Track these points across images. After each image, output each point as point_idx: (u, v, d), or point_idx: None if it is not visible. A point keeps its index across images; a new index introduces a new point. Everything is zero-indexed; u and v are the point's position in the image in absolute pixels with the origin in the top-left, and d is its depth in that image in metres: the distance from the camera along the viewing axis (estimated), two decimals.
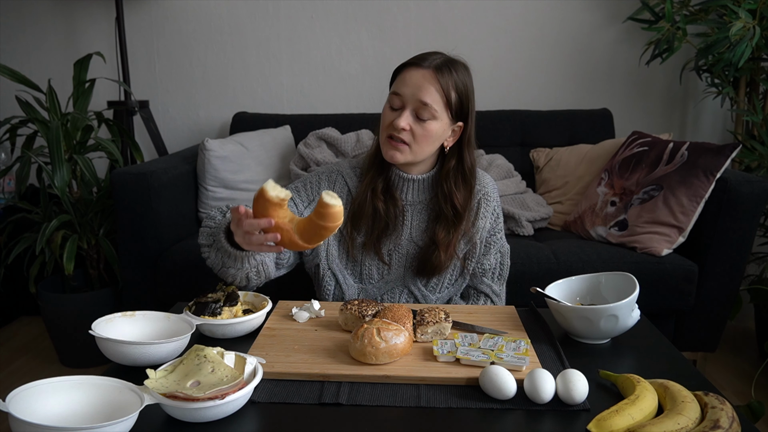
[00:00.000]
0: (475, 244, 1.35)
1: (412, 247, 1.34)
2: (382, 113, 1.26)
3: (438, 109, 1.20)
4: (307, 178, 1.36)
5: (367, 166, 1.31)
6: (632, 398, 0.84)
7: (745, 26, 2.09)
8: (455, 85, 1.22)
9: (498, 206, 1.38)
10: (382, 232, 1.31)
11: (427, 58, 1.22)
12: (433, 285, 1.35)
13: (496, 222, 1.38)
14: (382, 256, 1.32)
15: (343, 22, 2.68)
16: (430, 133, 1.22)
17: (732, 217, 1.90)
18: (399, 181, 1.31)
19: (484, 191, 1.35)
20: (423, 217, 1.33)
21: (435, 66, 1.21)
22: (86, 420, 0.79)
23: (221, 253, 1.15)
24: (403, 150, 1.23)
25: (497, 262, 1.40)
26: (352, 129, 2.42)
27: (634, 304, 1.08)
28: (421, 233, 1.33)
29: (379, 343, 0.94)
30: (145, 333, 1.02)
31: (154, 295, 2.03)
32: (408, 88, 1.20)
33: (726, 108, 2.58)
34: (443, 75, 1.20)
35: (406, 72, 1.22)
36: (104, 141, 2.21)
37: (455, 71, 1.22)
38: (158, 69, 2.76)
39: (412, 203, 1.32)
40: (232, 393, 0.81)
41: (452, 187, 1.28)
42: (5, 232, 2.27)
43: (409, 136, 1.22)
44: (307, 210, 1.32)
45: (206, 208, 2.26)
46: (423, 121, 1.21)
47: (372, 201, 1.29)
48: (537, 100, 2.68)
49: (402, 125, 1.20)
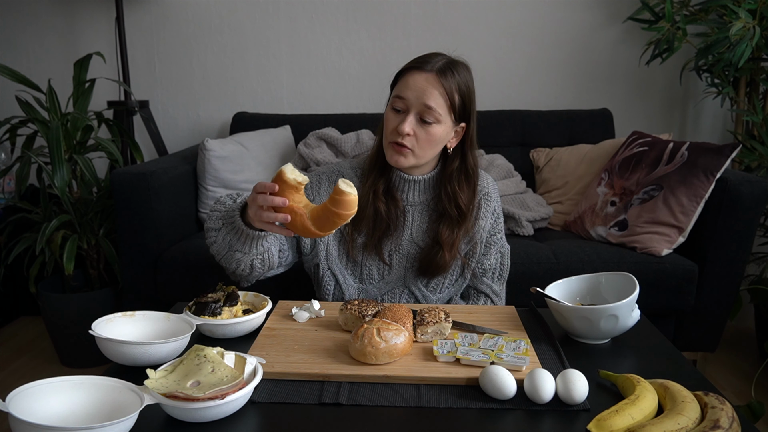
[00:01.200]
0: (476, 244, 1.35)
1: (413, 248, 1.34)
2: (385, 117, 1.25)
3: (442, 113, 1.21)
4: (308, 178, 1.36)
5: (369, 168, 1.31)
6: (632, 398, 0.84)
7: (745, 26, 2.09)
8: (458, 88, 1.22)
9: (498, 206, 1.39)
10: (384, 233, 1.31)
11: (430, 61, 1.22)
12: (433, 285, 1.35)
13: (496, 222, 1.38)
14: (383, 256, 1.32)
15: (343, 22, 2.68)
16: (434, 137, 1.22)
17: (732, 217, 1.90)
18: (400, 182, 1.31)
19: (485, 191, 1.36)
20: (424, 217, 1.33)
21: (438, 69, 1.21)
22: (86, 420, 0.79)
23: (232, 233, 1.15)
24: (407, 155, 1.23)
25: (497, 262, 1.40)
26: (352, 129, 2.42)
27: (634, 304, 1.08)
28: (422, 233, 1.33)
29: (379, 343, 0.94)
30: (145, 333, 1.02)
31: (154, 295, 2.03)
32: (412, 91, 1.20)
33: (726, 108, 2.58)
34: (446, 78, 1.20)
35: (409, 75, 1.22)
36: (104, 141, 2.21)
37: (457, 73, 1.23)
38: (158, 69, 2.76)
39: (412, 204, 1.32)
40: (232, 393, 0.81)
41: (456, 188, 1.29)
42: (5, 232, 2.27)
43: (413, 141, 1.21)
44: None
45: (206, 208, 2.26)
46: (427, 124, 1.21)
47: (374, 203, 1.29)
48: (537, 100, 2.68)
49: (406, 130, 1.20)
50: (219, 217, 1.18)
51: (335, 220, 0.98)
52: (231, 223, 1.15)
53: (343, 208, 0.97)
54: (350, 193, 0.96)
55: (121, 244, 2.02)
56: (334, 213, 0.97)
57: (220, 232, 1.17)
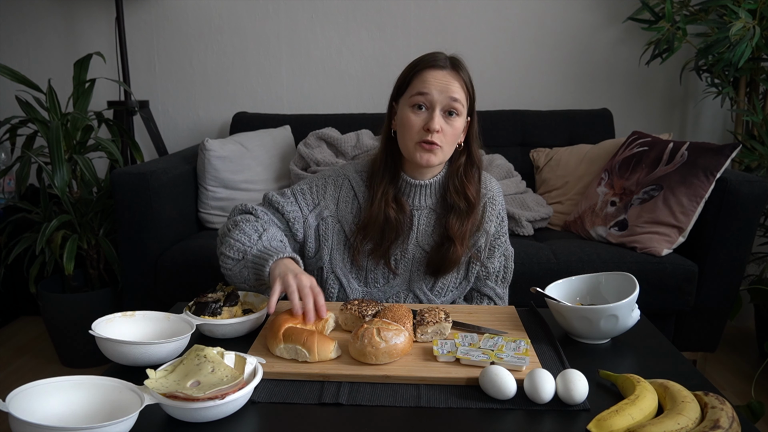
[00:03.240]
0: (480, 247, 1.35)
1: (419, 252, 1.33)
2: (404, 119, 1.23)
3: (463, 105, 1.22)
4: (313, 180, 1.34)
5: (378, 174, 1.29)
6: (632, 398, 0.84)
7: (745, 26, 2.09)
8: (469, 80, 1.25)
9: (503, 209, 1.38)
10: (393, 241, 1.30)
11: (438, 58, 1.23)
12: (438, 289, 1.35)
13: (500, 225, 1.38)
14: (390, 264, 1.32)
15: (343, 22, 2.68)
16: (457, 130, 1.23)
17: (732, 217, 1.90)
18: (407, 187, 1.30)
19: (490, 195, 1.35)
20: (429, 221, 1.32)
21: (451, 65, 1.23)
22: (86, 420, 0.79)
23: (252, 275, 1.15)
24: (437, 152, 1.22)
25: (501, 265, 1.39)
26: (352, 129, 2.42)
27: (634, 304, 1.07)
28: (427, 237, 1.33)
29: (379, 343, 0.94)
30: (145, 333, 1.02)
31: (154, 295, 2.03)
32: (434, 87, 1.20)
33: (726, 108, 2.58)
34: (461, 70, 1.23)
35: (426, 73, 1.22)
36: (104, 141, 2.21)
37: (464, 68, 1.25)
38: (158, 69, 2.76)
39: (418, 208, 1.32)
40: (232, 393, 0.81)
41: (464, 180, 1.29)
42: (5, 232, 2.27)
43: (441, 137, 1.21)
44: (311, 214, 1.31)
45: (206, 208, 2.26)
46: (452, 118, 1.21)
47: (385, 210, 1.27)
48: (537, 100, 2.68)
49: (437, 127, 1.19)
50: (240, 249, 1.17)
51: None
52: (254, 268, 1.14)
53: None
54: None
55: (121, 244, 2.02)
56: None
57: (236, 264, 1.17)
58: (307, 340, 0.96)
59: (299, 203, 1.31)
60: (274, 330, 1.00)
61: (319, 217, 1.32)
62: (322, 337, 0.98)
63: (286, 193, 1.32)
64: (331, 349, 0.97)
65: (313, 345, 0.96)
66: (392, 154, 1.28)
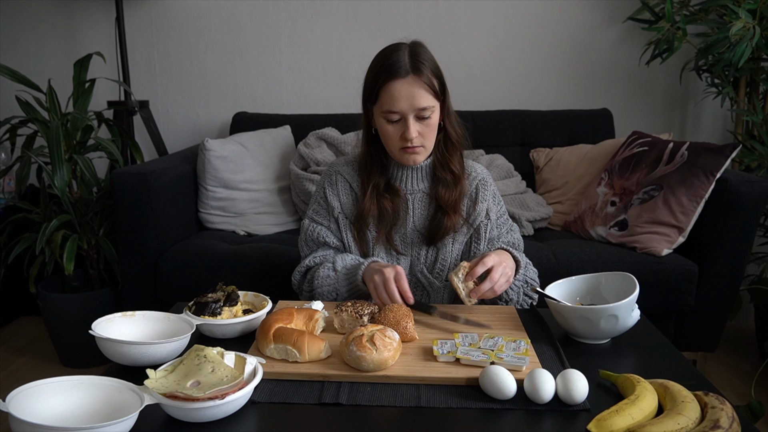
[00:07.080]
0: (478, 229, 1.38)
1: (416, 236, 1.38)
2: (382, 129, 1.28)
3: (434, 103, 1.25)
4: (316, 194, 1.42)
5: (367, 170, 1.35)
6: (632, 398, 0.84)
7: (745, 26, 2.09)
8: (432, 72, 1.25)
9: (496, 190, 1.43)
10: (392, 226, 1.36)
11: (398, 64, 1.23)
12: (438, 271, 1.38)
13: (498, 204, 1.42)
14: (395, 246, 1.37)
15: (343, 22, 2.68)
16: (433, 126, 1.28)
17: (732, 217, 1.90)
18: (398, 172, 1.35)
19: (480, 177, 1.40)
20: (424, 204, 1.37)
21: (411, 68, 1.23)
22: (86, 420, 0.79)
23: (345, 285, 1.30)
24: (420, 151, 1.29)
25: (516, 238, 1.45)
26: (352, 129, 2.42)
27: (634, 304, 1.08)
28: (423, 221, 1.37)
29: (371, 352, 0.93)
30: (145, 333, 1.02)
31: (154, 295, 2.02)
32: (401, 102, 1.23)
33: (726, 108, 2.58)
34: (422, 72, 1.23)
35: (389, 87, 1.23)
36: (104, 141, 2.21)
37: (424, 59, 1.25)
38: (158, 69, 2.76)
39: (412, 192, 1.36)
40: (232, 393, 0.81)
41: (446, 154, 1.34)
42: (5, 232, 2.27)
43: (420, 139, 1.27)
44: (333, 224, 1.39)
45: (206, 208, 2.26)
46: (426, 119, 1.25)
47: (378, 202, 1.33)
48: (537, 100, 2.68)
49: (413, 135, 1.25)
50: (330, 292, 1.32)
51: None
52: (353, 294, 1.32)
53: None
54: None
55: (121, 244, 2.02)
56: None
57: (329, 279, 1.32)
58: (297, 341, 0.97)
59: (323, 222, 1.39)
60: (265, 330, 1.00)
61: (337, 220, 1.38)
62: (313, 337, 0.99)
63: (311, 226, 1.39)
64: (321, 349, 0.98)
65: (304, 345, 0.96)
66: (377, 148, 1.34)
